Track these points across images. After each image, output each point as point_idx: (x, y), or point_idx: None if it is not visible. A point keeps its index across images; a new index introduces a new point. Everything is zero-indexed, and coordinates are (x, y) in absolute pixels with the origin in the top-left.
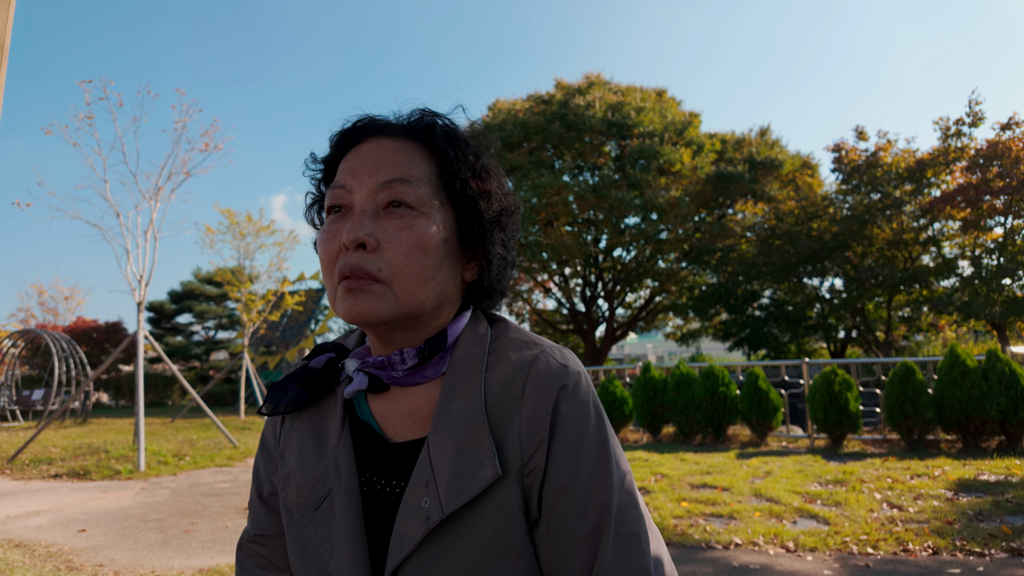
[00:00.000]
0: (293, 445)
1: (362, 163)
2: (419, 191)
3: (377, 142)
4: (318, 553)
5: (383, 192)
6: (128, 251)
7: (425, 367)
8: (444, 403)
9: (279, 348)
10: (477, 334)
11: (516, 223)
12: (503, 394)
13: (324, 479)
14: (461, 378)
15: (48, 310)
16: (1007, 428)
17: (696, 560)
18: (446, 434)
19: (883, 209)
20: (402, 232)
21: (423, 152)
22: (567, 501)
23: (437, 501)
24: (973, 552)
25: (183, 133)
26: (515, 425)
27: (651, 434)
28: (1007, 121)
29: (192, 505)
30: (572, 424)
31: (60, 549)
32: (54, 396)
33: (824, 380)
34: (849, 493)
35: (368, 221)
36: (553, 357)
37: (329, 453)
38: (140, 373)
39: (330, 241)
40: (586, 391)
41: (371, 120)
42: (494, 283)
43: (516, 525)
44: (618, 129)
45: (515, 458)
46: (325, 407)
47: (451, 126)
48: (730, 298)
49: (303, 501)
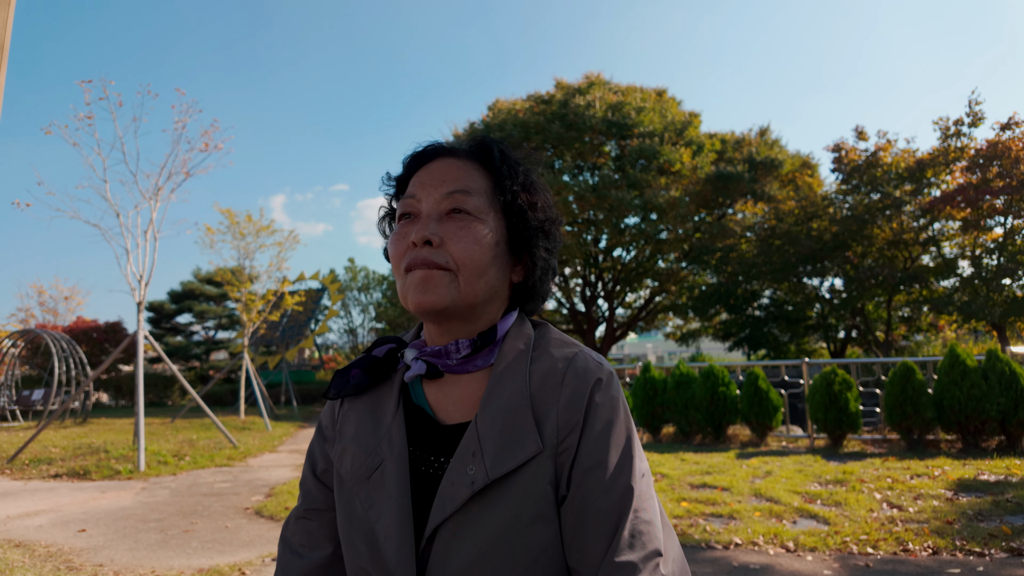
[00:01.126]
0: (351, 422)
1: (430, 178)
2: (476, 200)
3: (443, 161)
4: (365, 518)
5: (446, 200)
6: (128, 251)
7: (476, 357)
8: (492, 389)
9: (279, 348)
10: (523, 332)
11: (559, 234)
12: (544, 383)
13: (377, 450)
14: (508, 368)
15: (48, 310)
16: (1007, 428)
17: (696, 560)
18: (494, 414)
19: (883, 209)
20: (461, 231)
21: (481, 169)
22: (593, 480)
23: (483, 468)
24: (973, 552)
25: (183, 133)
26: (554, 410)
27: (651, 434)
28: (1007, 121)
29: (192, 505)
30: (603, 414)
31: (60, 549)
32: (54, 396)
33: (824, 380)
34: (849, 493)
35: (433, 224)
36: (590, 356)
37: (384, 428)
38: (140, 373)
39: (400, 241)
40: (617, 388)
41: (439, 144)
42: (538, 285)
43: (546, 498)
44: (618, 129)
45: (552, 437)
46: (383, 391)
47: (505, 148)
48: (730, 298)
49: (357, 470)
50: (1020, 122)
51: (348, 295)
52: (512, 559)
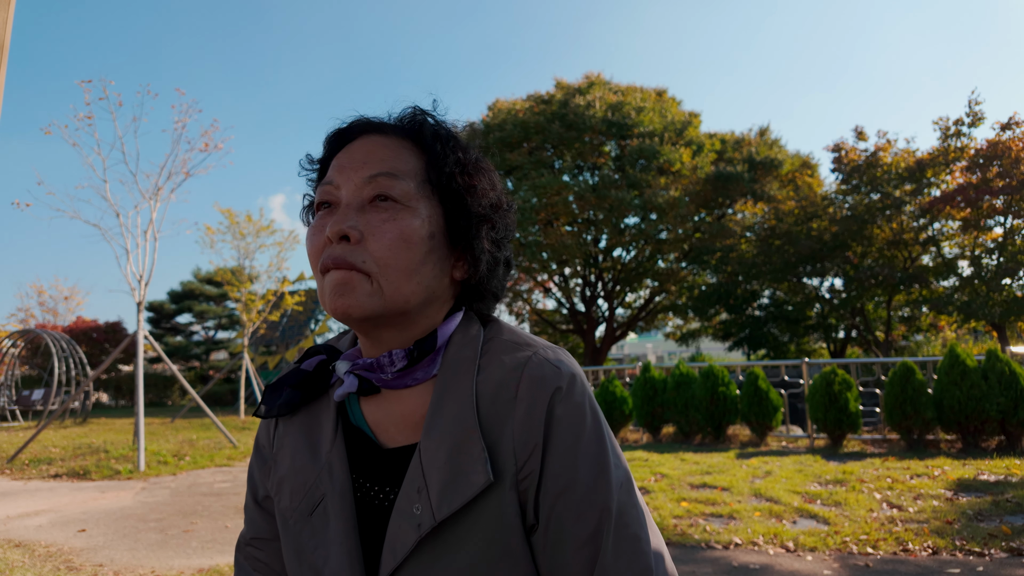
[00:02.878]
0: (287, 449)
1: (350, 160)
2: (404, 185)
3: (367, 139)
4: (314, 558)
5: (368, 186)
6: (128, 251)
7: (415, 369)
8: (435, 407)
9: (279, 348)
10: (469, 335)
11: (509, 222)
12: (496, 398)
13: (318, 484)
14: (452, 381)
15: (48, 310)
16: (1007, 428)
17: (696, 560)
18: (437, 439)
19: (883, 209)
20: (385, 224)
21: (412, 148)
22: (565, 505)
23: (429, 508)
24: (973, 552)
25: (183, 133)
26: (508, 429)
27: (651, 434)
28: (1007, 121)
29: (192, 505)
30: (567, 427)
31: (60, 549)
32: (54, 396)
33: (824, 380)
34: (849, 493)
35: (352, 214)
36: (547, 358)
37: (323, 458)
38: (140, 373)
39: (316, 236)
40: (581, 392)
41: (363, 119)
42: (484, 282)
43: (512, 531)
44: (618, 129)
45: (509, 463)
46: (318, 410)
47: (440, 123)
48: (730, 298)
49: (297, 506)
50: (1020, 122)
51: None
52: None
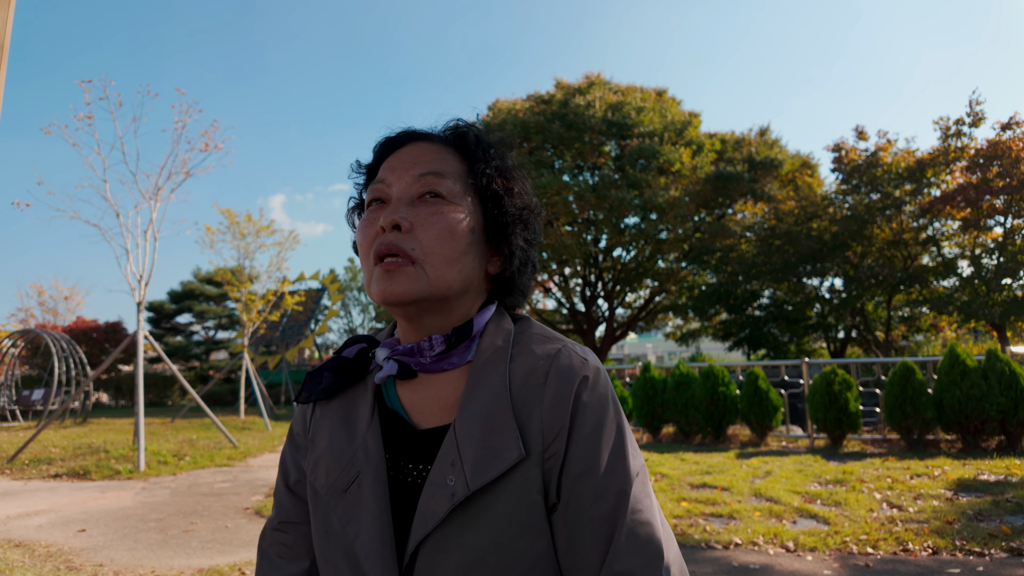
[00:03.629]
0: (324, 431)
1: (401, 161)
2: (450, 184)
3: (415, 145)
4: (344, 534)
5: (418, 183)
6: (128, 251)
7: (452, 354)
8: (470, 390)
9: (279, 348)
10: (502, 327)
11: (538, 223)
12: (526, 383)
13: (353, 462)
14: (487, 367)
15: (48, 310)
16: (1007, 428)
17: (696, 560)
18: (472, 418)
19: (883, 209)
20: (433, 217)
21: (455, 154)
22: (585, 486)
23: (463, 478)
24: (973, 552)
25: (183, 133)
26: (537, 412)
27: (651, 434)
28: (1007, 121)
29: (192, 505)
30: (592, 414)
31: (60, 549)
32: (54, 396)
33: (824, 380)
34: (849, 493)
35: (403, 207)
36: (575, 351)
37: (359, 437)
38: (140, 373)
39: (368, 228)
40: (604, 384)
41: (410, 129)
42: (516, 277)
43: (535, 507)
44: (618, 129)
45: (537, 443)
46: (355, 395)
47: (480, 132)
48: (730, 298)
49: (332, 483)
50: (1020, 122)
51: (348, 295)
52: (501, 574)
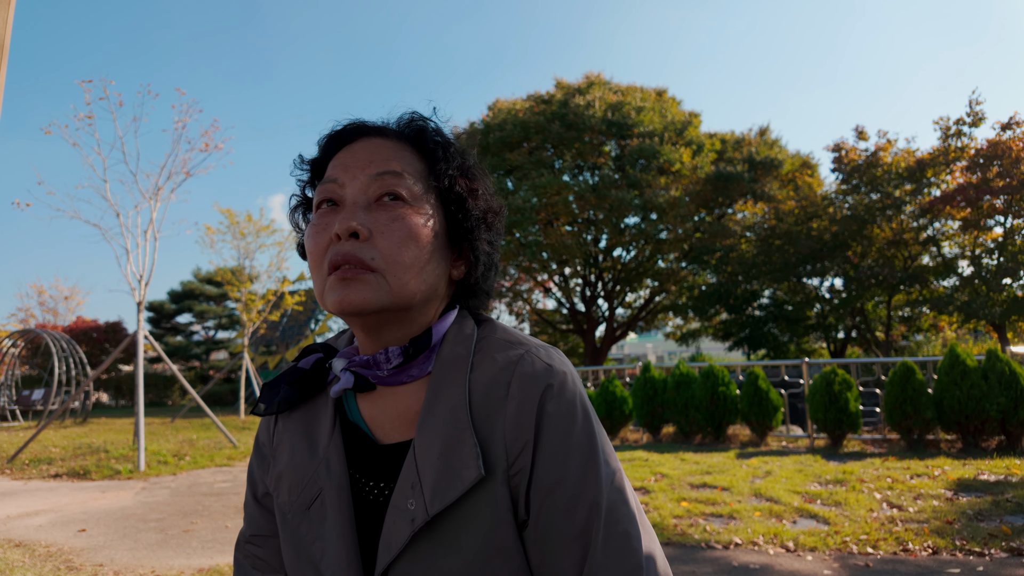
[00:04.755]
0: (285, 445)
1: (354, 159)
2: (410, 184)
3: (369, 141)
4: (311, 551)
5: (375, 184)
6: (128, 251)
7: (410, 366)
8: (429, 405)
9: (279, 348)
10: (463, 334)
11: (501, 224)
12: (487, 395)
13: (315, 479)
14: (446, 378)
15: (48, 310)
16: (1007, 428)
17: (696, 560)
18: (431, 435)
19: (883, 209)
20: (394, 223)
21: (413, 152)
22: (555, 501)
23: (422, 503)
24: (973, 552)
25: (183, 133)
26: (500, 426)
27: (651, 434)
28: (1007, 121)
29: (192, 505)
30: (558, 424)
31: (60, 549)
32: (54, 396)
33: (824, 380)
34: (849, 493)
35: (360, 212)
36: (538, 357)
37: (320, 453)
38: (140, 373)
39: (320, 234)
40: (572, 390)
41: (362, 122)
42: (480, 281)
43: (505, 526)
44: (618, 129)
45: (500, 459)
46: (316, 407)
47: (440, 128)
48: (730, 298)
49: (295, 501)
50: (1020, 122)
51: None
52: None
